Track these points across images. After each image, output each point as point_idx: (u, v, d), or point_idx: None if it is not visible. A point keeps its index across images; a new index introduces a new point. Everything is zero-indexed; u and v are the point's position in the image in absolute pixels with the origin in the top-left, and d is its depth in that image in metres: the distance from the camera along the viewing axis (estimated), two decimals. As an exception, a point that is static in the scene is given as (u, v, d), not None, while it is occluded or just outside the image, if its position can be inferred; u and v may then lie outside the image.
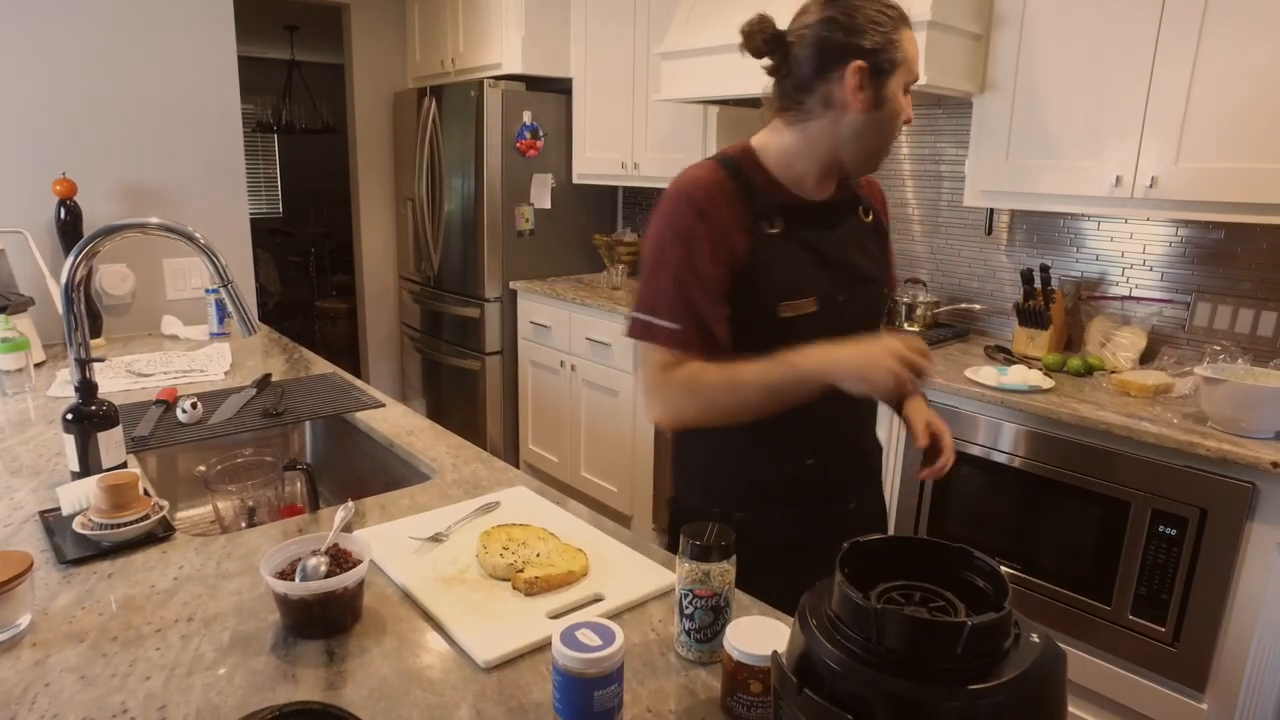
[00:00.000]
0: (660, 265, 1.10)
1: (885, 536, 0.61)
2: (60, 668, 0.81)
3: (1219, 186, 1.79)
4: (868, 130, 1.12)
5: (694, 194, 1.11)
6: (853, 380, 1.03)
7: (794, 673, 0.54)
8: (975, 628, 0.50)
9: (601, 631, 0.74)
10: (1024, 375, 1.96)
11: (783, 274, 1.13)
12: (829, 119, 1.12)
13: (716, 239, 1.10)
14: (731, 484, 1.23)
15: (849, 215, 1.22)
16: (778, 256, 1.13)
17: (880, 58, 1.09)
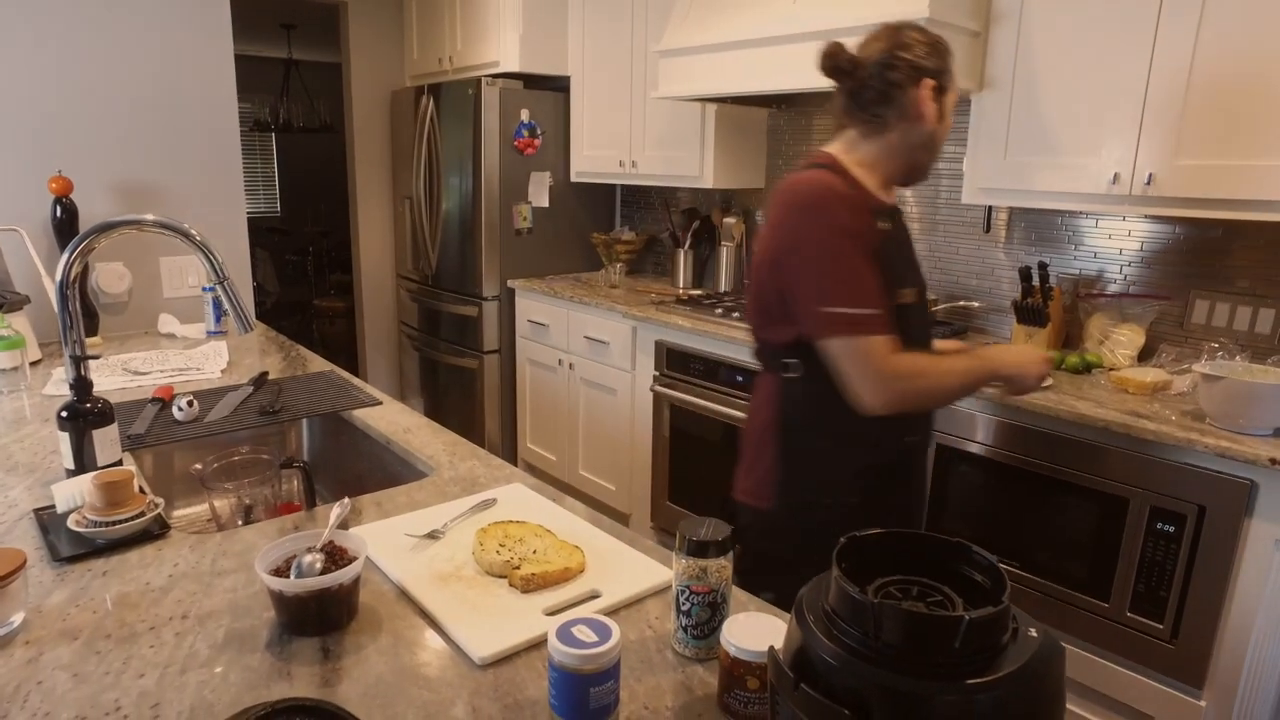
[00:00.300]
0: (834, 261, 1.22)
1: (883, 531, 0.60)
2: (53, 665, 0.80)
3: (1217, 183, 1.79)
4: (932, 141, 1.33)
5: (838, 195, 1.26)
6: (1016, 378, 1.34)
7: (791, 668, 0.54)
8: (973, 622, 0.49)
9: (598, 628, 0.74)
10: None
11: (897, 266, 1.31)
12: (901, 130, 1.31)
13: (864, 235, 1.25)
14: (845, 470, 1.34)
15: (903, 219, 1.42)
16: (891, 251, 1.30)
17: (943, 78, 1.32)
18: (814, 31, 2.26)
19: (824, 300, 1.22)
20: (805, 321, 1.25)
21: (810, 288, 1.23)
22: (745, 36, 2.42)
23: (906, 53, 1.29)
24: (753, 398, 1.44)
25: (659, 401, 2.81)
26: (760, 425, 1.39)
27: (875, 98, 1.30)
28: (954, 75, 1.34)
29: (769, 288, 1.30)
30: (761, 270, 1.32)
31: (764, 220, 1.36)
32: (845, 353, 1.23)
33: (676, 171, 3.05)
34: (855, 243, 1.22)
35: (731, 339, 2.49)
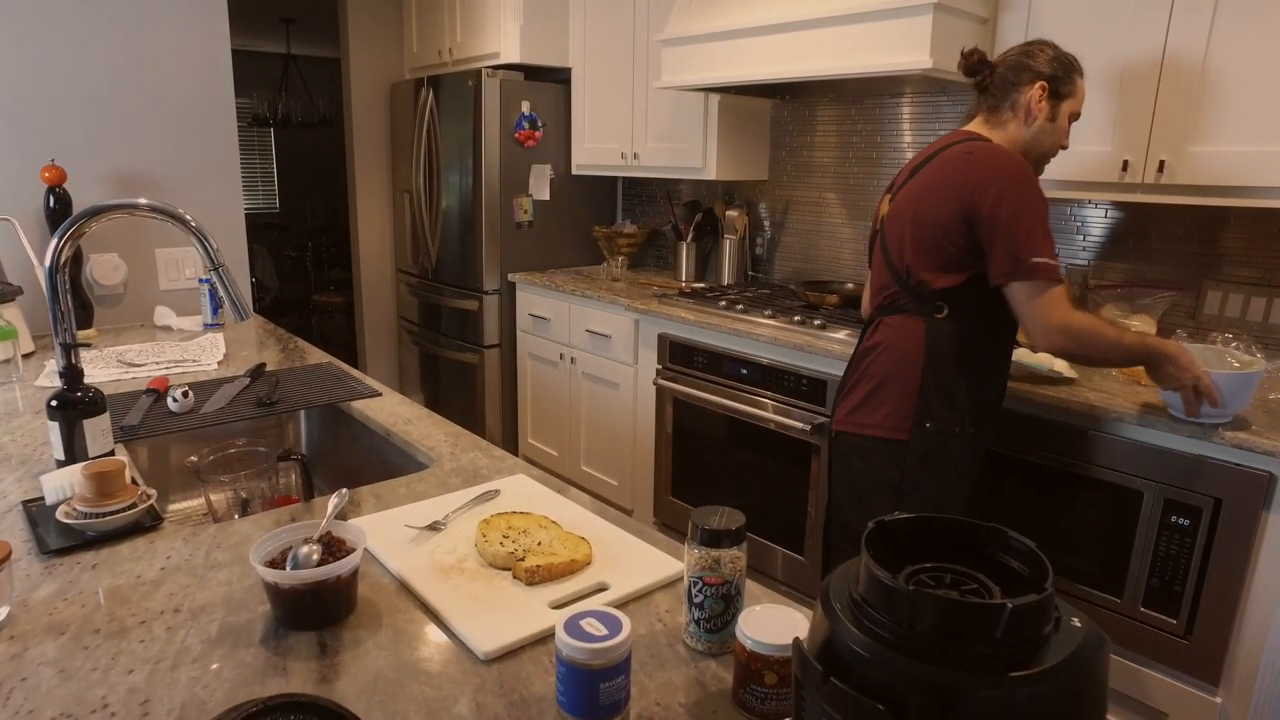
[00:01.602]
0: (1040, 219, 1.46)
1: (913, 515, 0.57)
2: (38, 661, 0.77)
3: (1230, 170, 1.75)
4: (1043, 137, 1.59)
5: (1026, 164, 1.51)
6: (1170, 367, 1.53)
7: (818, 660, 0.50)
8: (1016, 610, 0.46)
9: (607, 621, 0.70)
10: (1050, 360, 1.91)
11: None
12: (1017, 122, 1.59)
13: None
14: (976, 402, 1.59)
15: None
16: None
17: (1058, 84, 1.57)
18: (818, 19, 2.22)
19: (1033, 250, 1.44)
20: (1004, 267, 1.46)
21: (1021, 238, 1.44)
22: (749, 25, 2.38)
23: (1030, 59, 1.57)
24: (881, 339, 1.64)
25: (661, 395, 2.78)
26: (897, 362, 1.60)
27: (998, 91, 1.60)
28: (1076, 89, 1.59)
29: (953, 238, 1.50)
30: (943, 224, 1.52)
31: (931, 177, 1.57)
32: (1037, 297, 1.46)
33: (679, 163, 3.02)
34: (1046, 208, 1.47)
35: (736, 331, 2.46)
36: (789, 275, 3.11)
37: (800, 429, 2.31)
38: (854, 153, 2.84)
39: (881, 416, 1.61)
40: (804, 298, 2.64)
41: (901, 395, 1.59)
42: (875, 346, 1.65)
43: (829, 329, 2.31)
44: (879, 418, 1.62)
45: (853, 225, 2.88)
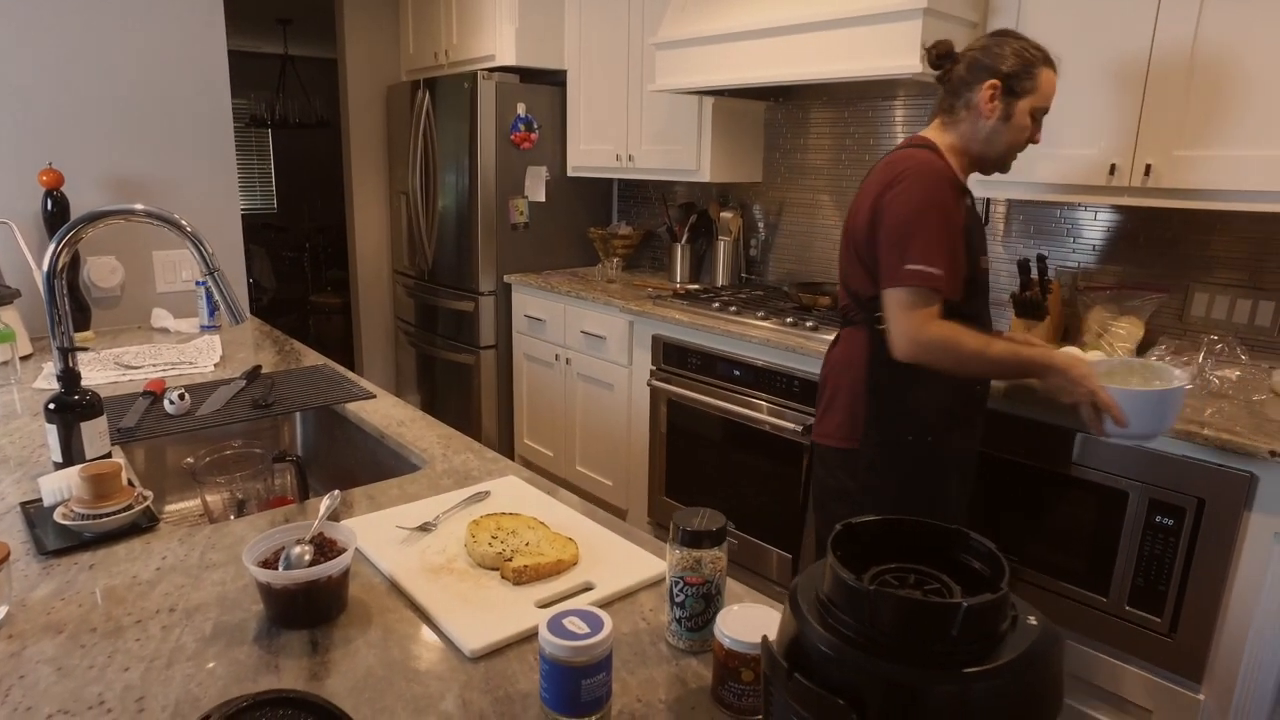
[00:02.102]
0: (930, 225, 1.43)
1: (879, 518, 0.59)
2: (36, 659, 0.79)
3: (1216, 175, 1.77)
4: (997, 136, 1.53)
5: (941, 171, 1.49)
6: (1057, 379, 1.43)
7: (784, 658, 0.52)
8: (971, 609, 0.48)
9: (589, 619, 0.72)
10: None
11: (977, 237, 1.55)
12: (969, 121, 1.54)
13: (956, 211, 1.47)
14: (927, 410, 1.55)
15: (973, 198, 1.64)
16: (974, 224, 1.55)
17: (1015, 81, 1.50)
18: (812, 22, 2.24)
19: (912, 258, 1.42)
20: (883, 271, 1.47)
21: (904, 244, 1.43)
22: (743, 28, 2.40)
23: (988, 55, 1.51)
24: (835, 352, 1.69)
25: (656, 396, 2.80)
26: (846, 372, 1.62)
27: (952, 90, 1.56)
28: (1038, 85, 1.50)
29: (871, 247, 1.51)
30: (861, 232, 1.54)
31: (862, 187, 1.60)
32: (899, 304, 1.45)
33: (674, 165, 3.04)
34: (946, 217, 1.45)
35: (729, 333, 2.48)
36: (783, 277, 3.13)
37: (793, 430, 2.34)
38: (847, 155, 2.86)
39: (834, 426, 1.64)
40: (797, 299, 2.67)
41: (851, 405, 1.61)
42: (832, 357, 1.70)
43: (821, 330, 2.34)
44: (832, 427, 1.65)
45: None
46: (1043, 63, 1.51)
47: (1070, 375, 1.43)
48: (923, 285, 1.41)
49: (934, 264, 1.40)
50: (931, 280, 1.41)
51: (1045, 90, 1.52)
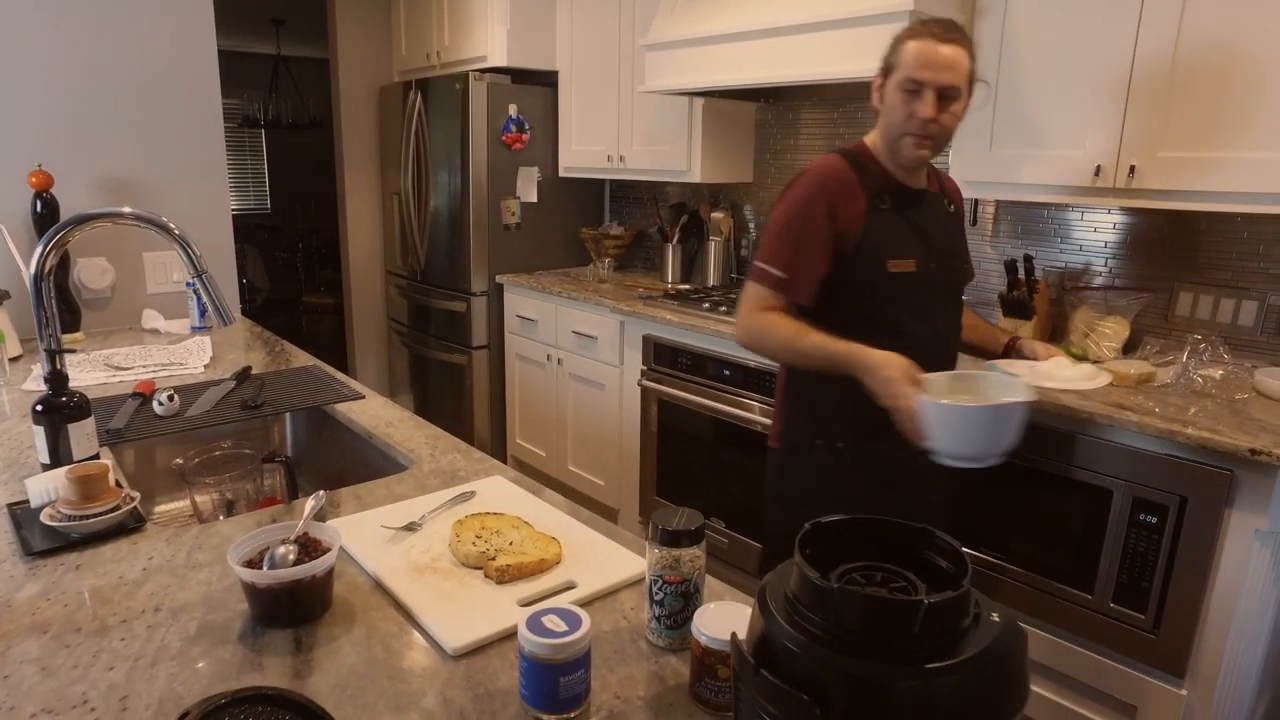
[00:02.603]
0: (786, 230, 1.47)
1: (847, 517, 0.60)
2: (20, 659, 0.80)
3: (1199, 176, 1.79)
4: (884, 122, 1.49)
5: (822, 177, 1.48)
6: (867, 379, 1.37)
7: (753, 655, 0.54)
8: (932, 606, 0.49)
9: (568, 617, 0.73)
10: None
11: (892, 239, 1.49)
12: (880, 117, 1.51)
13: (832, 215, 1.45)
14: (835, 417, 1.54)
15: (938, 203, 1.58)
16: (889, 226, 1.49)
17: (887, 62, 1.47)
18: (801, 24, 2.25)
19: (761, 254, 1.51)
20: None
21: (762, 242, 1.52)
22: (733, 30, 2.41)
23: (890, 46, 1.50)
24: None
25: (647, 396, 2.81)
26: (779, 375, 1.66)
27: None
28: (901, 58, 1.43)
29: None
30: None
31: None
32: (744, 294, 1.54)
33: (664, 166, 3.05)
34: (804, 222, 1.46)
35: (719, 333, 2.49)
36: (774, 277, 3.14)
37: (782, 429, 2.35)
38: (837, 156, 2.87)
39: (773, 425, 1.70)
40: None
41: (778, 406, 1.67)
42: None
43: (810, 330, 2.35)
44: (772, 426, 1.70)
45: (836, 227, 2.92)
46: (909, 36, 1.43)
47: (878, 377, 1.34)
48: (760, 282, 1.49)
49: (774, 264, 1.47)
50: (767, 278, 1.48)
51: (908, 60, 1.40)
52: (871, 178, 1.50)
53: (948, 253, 1.56)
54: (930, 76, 1.38)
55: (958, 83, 1.40)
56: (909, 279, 1.50)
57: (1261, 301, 2.01)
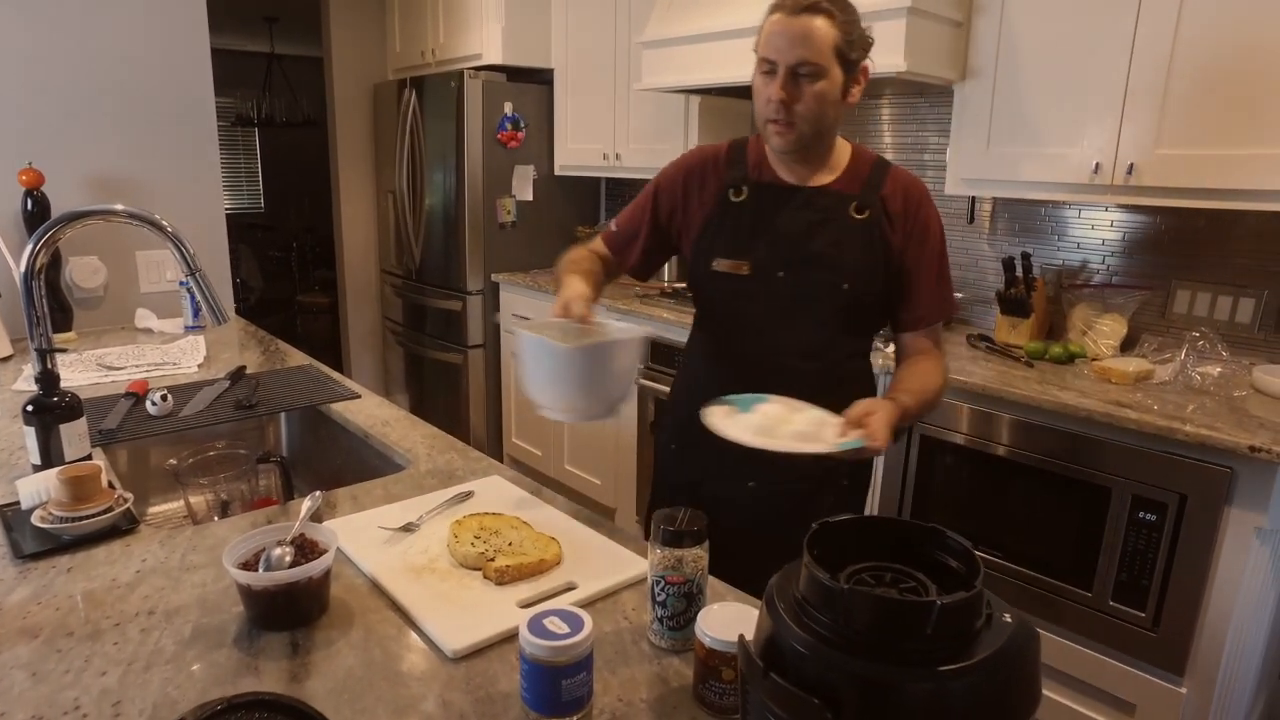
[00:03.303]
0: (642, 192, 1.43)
1: (855, 517, 0.59)
2: (11, 665, 0.78)
3: (1197, 173, 1.79)
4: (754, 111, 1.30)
5: (691, 157, 1.40)
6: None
7: (760, 657, 0.52)
8: (945, 607, 0.48)
9: (570, 619, 0.72)
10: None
11: (728, 236, 1.33)
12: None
13: (674, 193, 1.37)
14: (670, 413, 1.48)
15: (831, 204, 1.30)
16: (729, 220, 1.33)
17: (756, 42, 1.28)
18: (797, 21, 2.24)
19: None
20: None
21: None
22: (729, 27, 2.40)
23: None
24: None
25: (643, 395, 2.80)
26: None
27: None
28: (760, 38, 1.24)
29: None
30: None
31: None
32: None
33: (660, 164, 2.98)
34: (651, 190, 1.41)
35: (716, 331, 2.48)
36: (770, 275, 3.13)
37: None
38: (833, 154, 2.86)
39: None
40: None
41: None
42: None
43: (807, 329, 2.34)
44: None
45: (833, 225, 2.91)
46: (768, 13, 1.25)
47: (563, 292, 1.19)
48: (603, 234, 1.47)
49: (614, 222, 1.46)
50: (605, 231, 1.46)
51: (763, 40, 1.23)
52: (738, 167, 1.34)
53: (810, 261, 1.28)
54: (779, 54, 1.19)
55: (814, 59, 1.17)
56: (738, 282, 1.31)
57: (1259, 299, 2.01)
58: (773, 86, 1.21)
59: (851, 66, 1.23)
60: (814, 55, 1.18)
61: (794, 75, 1.19)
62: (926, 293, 1.32)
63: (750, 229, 1.31)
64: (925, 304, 1.32)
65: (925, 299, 1.32)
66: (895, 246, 1.29)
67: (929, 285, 1.31)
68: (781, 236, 1.30)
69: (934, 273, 1.32)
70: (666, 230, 1.40)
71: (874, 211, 1.29)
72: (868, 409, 1.08)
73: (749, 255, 1.31)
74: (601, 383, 1.07)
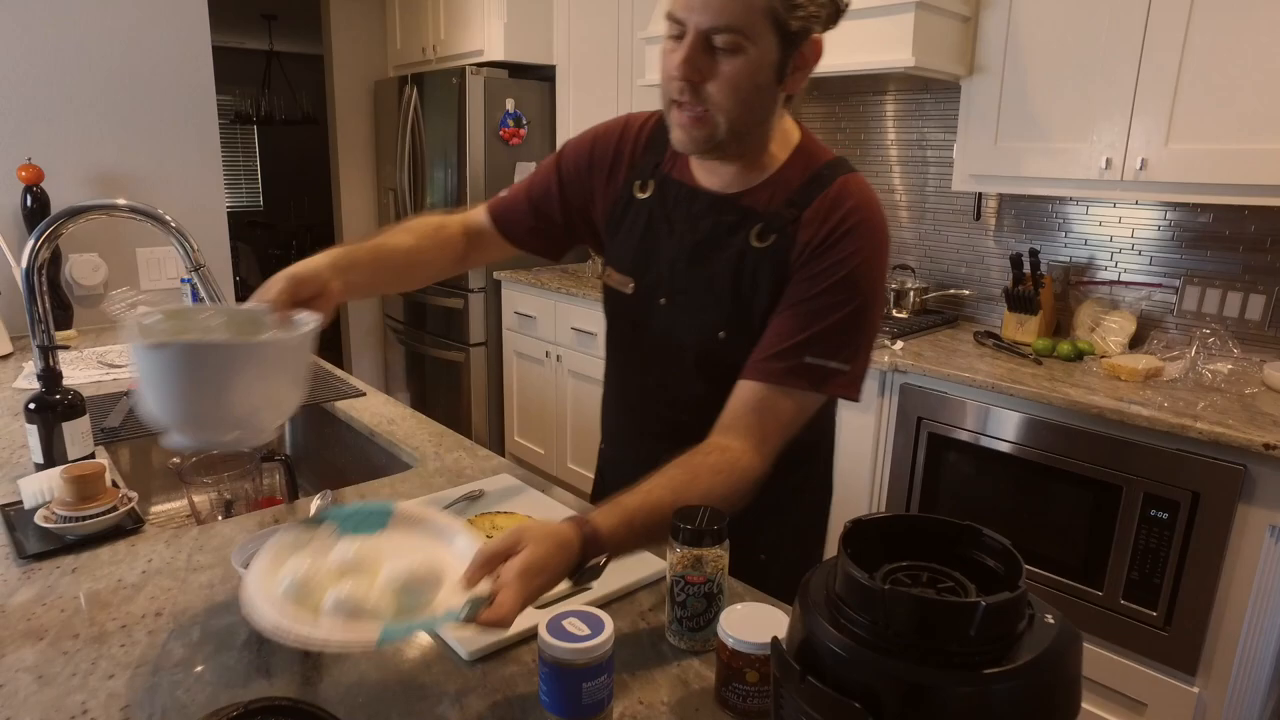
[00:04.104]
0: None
1: (888, 515, 0.58)
2: (16, 668, 0.76)
3: (1209, 168, 1.77)
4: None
5: (605, 125, 1.12)
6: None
7: (796, 659, 0.51)
8: (989, 608, 0.47)
9: (590, 620, 0.71)
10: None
11: (620, 243, 1.08)
12: None
13: (583, 164, 1.10)
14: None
15: (737, 225, 0.99)
16: (625, 223, 1.08)
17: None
18: (803, 16, 2.22)
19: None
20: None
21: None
22: (733, 22, 2.38)
23: None
24: None
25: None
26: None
27: None
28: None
29: None
30: None
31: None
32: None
33: (664, 161, 3.01)
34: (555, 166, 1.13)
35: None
36: (774, 272, 3.12)
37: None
38: (838, 150, 2.82)
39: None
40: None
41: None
42: None
43: (814, 326, 2.32)
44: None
45: (837, 222, 2.89)
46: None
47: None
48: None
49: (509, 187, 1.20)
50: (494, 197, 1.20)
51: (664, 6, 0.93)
52: (655, 152, 1.06)
53: (689, 293, 1.02)
54: (688, 10, 0.86)
55: (736, 22, 0.84)
56: (624, 303, 1.08)
57: (1269, 295, 1.99)
58: (676, 55, 0.88)
59: (792, 40, 0.88)
60: (736, 18, 0.84)
61: (707, 44, 0.86)
62: (775, 336, 0.93)
63: (642, 238, 1.05)
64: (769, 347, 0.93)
65: (770, 341, 0.93)
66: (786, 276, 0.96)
67: (786, 329, 0.93)
68: (667, 255, 1.03)
69: (803, 318, 0.92)
70: (565, 210, 1.12)
71: (780, 239, 0.96)
72: (507, 556, 0.71)
73: (634, 275, 1.06)
74: (215, 395, 0.78)
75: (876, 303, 0.96)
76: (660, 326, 1.05)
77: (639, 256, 1.06)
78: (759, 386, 0.92)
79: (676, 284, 1.03)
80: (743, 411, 0.92)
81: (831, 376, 0.92)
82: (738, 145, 0.94)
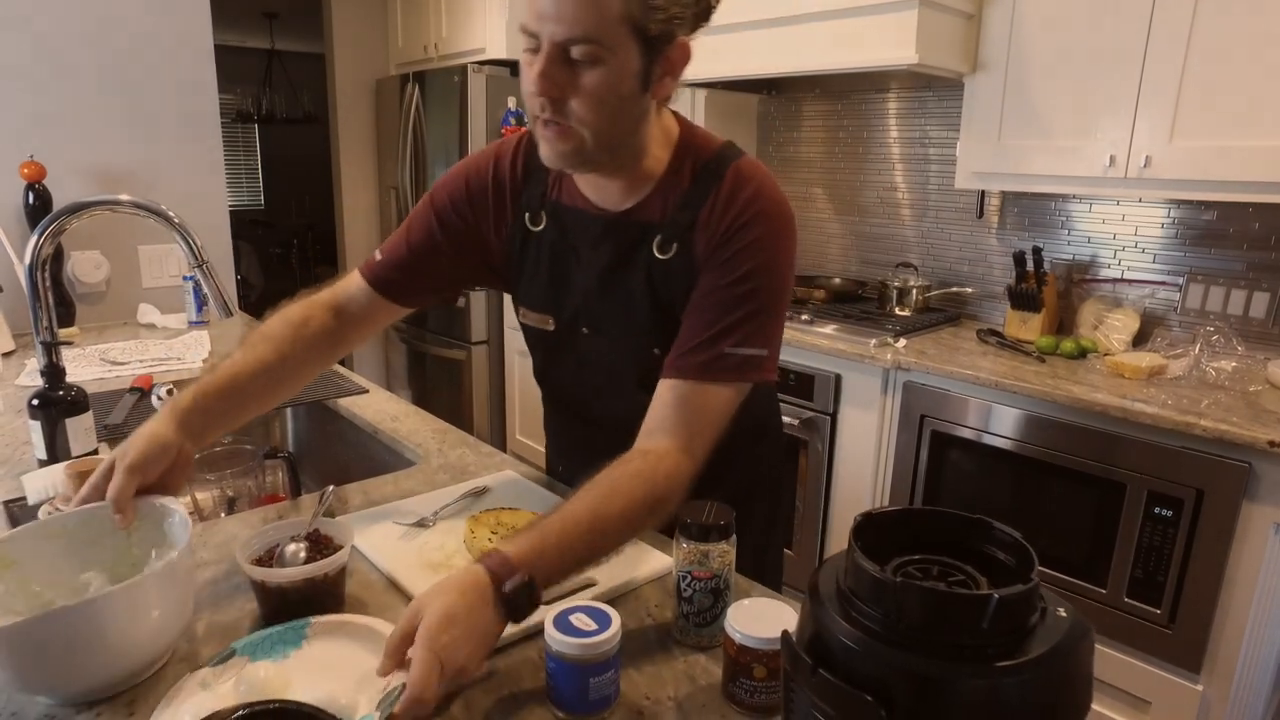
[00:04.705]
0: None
1: (899, 508, 0.57)
2: (22, 661, 0.76)
3: (1213, 165, 1.77)
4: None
5: (473, 160, 1.06)
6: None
7: (807, 653, 0.51)
8: (1002, 601, 0.47)
9: (597, 616, 0.70)
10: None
11: (529, 281, 1.05)
12: None
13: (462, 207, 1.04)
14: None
15: (638, 241, 0.96)
16: (528, 259, 1.04)
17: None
18: (806, 14, 2.22)
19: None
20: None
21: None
22: (736, 20, 2.38)
23: None
24: None
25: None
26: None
27: None
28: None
29: None
30: None
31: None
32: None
33: (666, 159, 3.01)
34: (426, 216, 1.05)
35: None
36: (776, 271, 3.11)
37: (788, 424, 2.32)
38: (840, 148, 2.85)
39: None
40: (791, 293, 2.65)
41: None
42: None
43: (816, 324, 2.32)
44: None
45: (840, 220, 2.89)
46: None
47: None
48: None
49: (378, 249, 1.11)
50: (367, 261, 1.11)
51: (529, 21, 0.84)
52: (537, 182, 1.02)
53: (610, 317, 1.01)
54: (540, 21, 0.81)
55: (592, 33, 0.80)
56: (547, 339, 1.08)
57: (1273, 293, 1.99)
58: (534, 70, 0.83)
59: (654, 45, 0.84)
60: (591, 28, 0.80)
61: (564, 56, 0.82)
62: (690, 331, 0.91)
63: (549, 274, 1.02)
64: (685, 343, 0.91)
65: (686, 337, 0.91)
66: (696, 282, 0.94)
67: (701, 323, 0.91)
68: (580, 286, 1.01)
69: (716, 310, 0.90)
70: (455, 255, 1.06)
71: (681, 246, 0.94)
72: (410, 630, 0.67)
73: (550, 310, 1.04)
74: (61, 665, 0.66)
75: (785, 284, 0.95)
76: (592, 355, 1.04)
77: (550, 293, 1.04)
78: (680, 384, 0.90)
79: (596, 312, 1.01)
80: (666, 412, 0.89)
81: (751, 363, 0.91)
82: (611, 158, 0.91)
